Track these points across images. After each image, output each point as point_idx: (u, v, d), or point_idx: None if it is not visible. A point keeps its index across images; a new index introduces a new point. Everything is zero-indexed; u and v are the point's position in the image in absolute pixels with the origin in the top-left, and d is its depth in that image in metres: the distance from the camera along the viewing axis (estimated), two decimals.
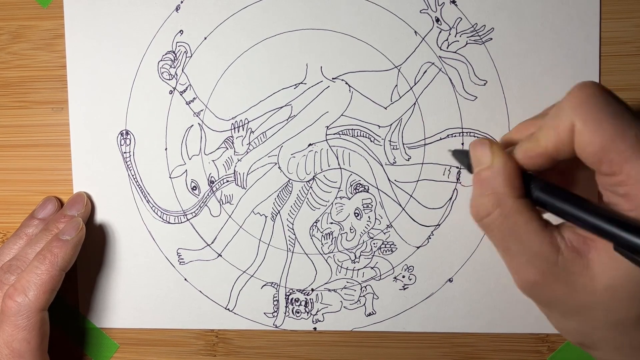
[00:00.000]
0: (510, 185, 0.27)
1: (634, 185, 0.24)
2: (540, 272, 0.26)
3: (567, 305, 0.26)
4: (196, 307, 0.39)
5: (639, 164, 0.24)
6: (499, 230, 0.27)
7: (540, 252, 0.26)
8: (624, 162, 0.24)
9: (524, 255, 0.26)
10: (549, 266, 0.26)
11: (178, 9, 0.38)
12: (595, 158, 0.25)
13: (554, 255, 0.26)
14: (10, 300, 0.34)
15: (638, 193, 0.24)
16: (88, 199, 0.39)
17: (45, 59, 0.39)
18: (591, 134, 0.24)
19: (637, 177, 0.24)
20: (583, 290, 0.25)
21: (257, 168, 0.38)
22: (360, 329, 0.39)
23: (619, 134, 0.24)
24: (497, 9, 0.36)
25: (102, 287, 0.40)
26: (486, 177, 0.28)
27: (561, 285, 0.26)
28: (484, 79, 0.37)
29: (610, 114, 0.24)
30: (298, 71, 0.37)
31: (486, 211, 0.28)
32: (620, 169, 0.24)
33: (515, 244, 0.27)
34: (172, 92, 0.38)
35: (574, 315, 0.26)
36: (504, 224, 0.27)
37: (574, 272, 0.25)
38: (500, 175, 0.27)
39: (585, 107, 0.25)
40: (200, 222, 0.39)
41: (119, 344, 0.40)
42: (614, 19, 0.36)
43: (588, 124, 0.24)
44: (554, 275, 0.26)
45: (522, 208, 0.27)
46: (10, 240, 0.38)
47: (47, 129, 0.40)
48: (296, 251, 0.39)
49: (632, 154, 0.24)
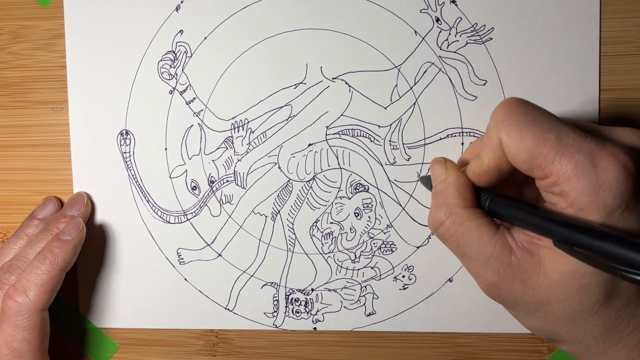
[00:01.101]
0: (461, 197, 0.30)
1: (565, 182, 0.26)
2: (497, 273, 0.28)
3: (527, 303, 0.27)
4: (196, 307, 0.39)
5: (564, 162, 0.26)
6: (453, 238, 0.30)
7: (494, 255, 0.28)
8: (550, 163, 0.26)
9: (479, 259, 0.28)
10: (504, 267, 0.28)
11: (178, 9, 0.38)
12: (527, 165, 0.27)
13: (507, 256, 0.28)
14: (10, 300, 0.34)
15: (570, 189, 0.26)
16: (88, 199, 0.39)
17: (45, 59, 0.39)
18: (516, 144, 0.27)
19: (565, 174, 0.25)
20: (538, 287, 0.27)
21: (257, 168, 0.38)
22: (360, 329, 0.39)
23: (540, 140, 0.26)
24: (497, 8, 0.36)
25: (102, 287, 0.40)
26: (440, 190, 0.31)
27: (518, 284, 0.27)
28: (484, 79, 0.37)
29: (529, 124, 0.27)
30: (298, 71, 0.37)
31: (439, 221, 0.30)
32: (550, 170, 0.26)
33: (470, 249, 0.29)
34: (172, 92, 0.38)
35: (535, 312, 0.28)
36: (457, 231, 0.29)
37: (528, 270, 0.27)
38: (451, 187, 0.30)
39: (506, 121, 0.27)
40: (200, 222, 0.39)
41: (119, 344, 0.40)
42: (614, 18, 0.36)
43: (512, 136, 0.27)
44: (509, 274, 0.27)
45: (472, 216, 0.29)
46: (11, 240, 0.38)
47: (47, 129, 0.40)
48: (296, 251, 0.39)
49: (556, 155, 0.26)
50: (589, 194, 0.25)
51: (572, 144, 0.26)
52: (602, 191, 0.25)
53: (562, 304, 0.27)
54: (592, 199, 0.25)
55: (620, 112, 0.36)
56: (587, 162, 0.25)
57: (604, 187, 0.25)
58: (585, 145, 0.26)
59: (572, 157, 0.25)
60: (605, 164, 0.25)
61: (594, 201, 0.25)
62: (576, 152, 0.25)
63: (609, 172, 0.25)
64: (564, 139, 0.26)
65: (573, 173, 0.25)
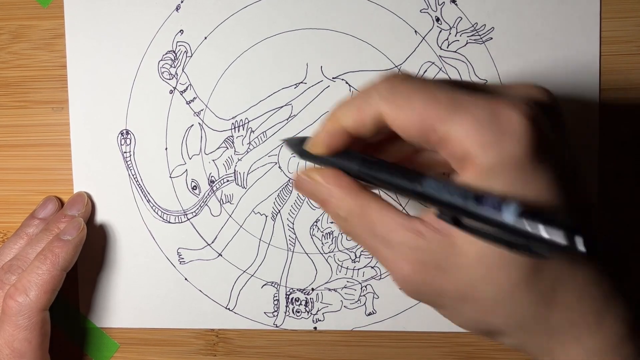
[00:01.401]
0: (344, 187, 0.26)
1: (466, 140, 0.22)
2: (409, 262, 0.24)
3: (451, 293, 0.24)
4: (196, 307, 0.39)
5: (460, 119, 0.22)
6: (357, 237, 0.26)
7: (403, 241, 0.24)
8: (444, 123, 0.23)
9: (389, 249, 0.25)
10: (416, 253, 0.24)
11: (178, 9, 0.38)
12: (420, 132, 0.23)
13: (417, 240, 0.24)
14: (11, 300, 0.34)
15: (473, 146, 0.22)
16: (88, 199, 0.39)
17: (46, 59, 0.39)
18: (406, 114, 0.23)
19: (466, 129, 0.22)
20: (457, 269, 0.23)
21: (257, 167, 0.38)
22: (360, 329, 0.39)
23: (431, 101, 0.23)
24: (497, 8, 0.36)
25: (103, 287, 0.40)
26: (323, 198, 0.27)
27: (434, 270, 0.24)
28: (484, 79, 0.37)
29: (414, 87, 0.23)
30: (298, 71, 0.37)
31: (341, 225, 0.27)
32: (447, 131, 0.23)
33: (375, 240, 0.25)
34: (172, 92, 0.38)
35: (463, 302, 0.24)
36: (358, 227, 0.26)
37: (442, 252, 0.23)
38: (326, 186, 0.26)
39: (387, 87, 0.24)
40: (201, 221, 0.39)
41: (119, 344, 0.40)
42: (615, 18, 0.36)
43: (401, 106, 0.23)
44: (423, 262, 0.24)
45: (370, 203, 0.25)
46: (11, 240, 0.38)
47: (47, 129, 0.40)
48: (296, 251, 0.39)
49: (451, 113, 0.23)
50: (494, 147, 0.22)
51: (468, 99, 0.23)
52: (508, 142, 0.22)
53: (488, 283, 0.23)
54: (499, 152, 0.22)
55: (620, 112, 0.36)
56: (487, 113, 0.22)
57: (510, 136, 0.22)
58: (482, 98, 0.23)
59: (467, 111, 0.22)
60: (508, 114, 0.22)
61: (500, 154, 0.22)
62: (472, 105, 0.22)
63: (513, 120, 0.22)
64: (458, 96, 0.23)
65: (473, 127, 0.22)
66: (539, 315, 0.23)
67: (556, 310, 0.23)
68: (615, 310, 0.23)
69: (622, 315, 0.23)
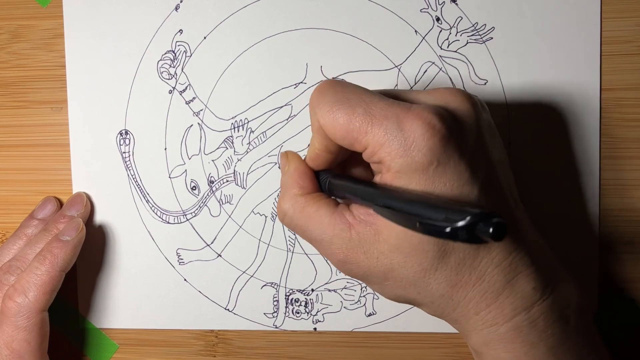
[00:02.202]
0: (298, 185, 0.31)
1: (380, 149, 0.27)
2: (341, 250, 0.29)
3: (375, 273, 0.28)
4: (196, 308, 0.39)
5: (375, 131, 0.27)
6: (297, 226, 0.31)
7: (335, 233, 0.29)
8: (364, 135, 0.27)
9: (324, 241, 0.29)
10: (346, 242, 0.28)
11: (177, 9, 0.38)
12: (346, 141, 0.28)
13: (347, 232, 0.28)
14: (10, 300, 0.34)
15: (384, 155, 0.27)
16: (87, 199, 0.39)
17: (45, 59, 0.39)
18: (331, 124, 0.28)
19: (378, 142, 0.27)
20: (381, 255, 0.28)
21: (257, 168, 0.38)
22: (360, 329, 0.38)
23: (350, 115, 0.27)
24: (497, 8, 0.36)
25: (102, 288, 0.40)
26: (283, 181, 0.32)
27: (361, 257, 0.28)
28: (484, 79, 0.36)
29: (339, 101, 0.28)
30: (298, 70, 0.37)
31: (283, 212, 0.31)
32: (366, 141, 0.27)
33: (314, 233, 0.30)
34: (171, 92, 0.38)
35: (385, 281, 0.29)
36: (299, 219, 0.30)
37: (368, 240, 0.28)
38: (291, 177, 0.31)
39: (320, 104, 0.29)
40: (200, 222, 0.39)
41: (118, 345, 0.40)
42: (615, 18, 0.36)
43: (326, 117, 0.28)
44: (352, 249, 0.28)
45: (310, 201, 0.30)
46: (10, 241, 0.38)
47: (46, 129, 0.40)
48: (296, 251, 0.38)
49: (367, 126, 0.27)
50: (401, 155, 0.26)
51: (380, 112, 0.27)
52: (411, 151, 0.26)
53: (404, 267, 0.27)
54: (405, 160, 0.26)
55: (621, 111, 0.36)
56: (394, 127, 0.26)
57: (413, 146, 0.26)
58: (392, 111, 0.27)
59: (380, 124, 0.27)
60: (411, 125, 0.26)
61: (406, 162, 0.26)
62: (384, 119, 0.27)
63: (415, 132, 0.26)
64: (372, 109, 0.27)
65: (384, 139, 0.27)
66: (445, 294, 0.28)
67: (459, 290, 0.27)
68: (513, 288, 0.27)
69: (521, 292, 0.27)
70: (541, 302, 0.27)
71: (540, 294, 0.27)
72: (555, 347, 0.28)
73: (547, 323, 0.27)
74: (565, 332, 0.28)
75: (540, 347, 0.27)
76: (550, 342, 0.27)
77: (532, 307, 0.27)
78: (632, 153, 0.36)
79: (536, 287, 0.27)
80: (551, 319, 0.27)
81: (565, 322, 0.28)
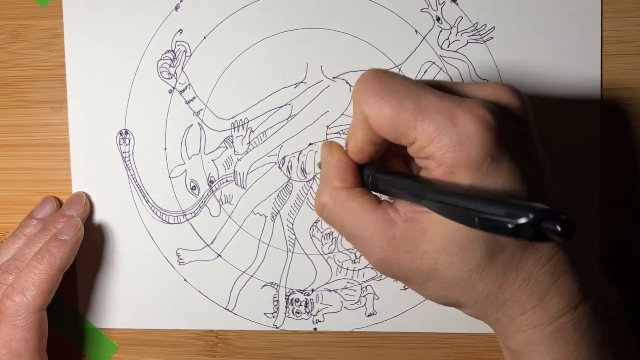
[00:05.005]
0: (341, 178, 0.30)
1: (430, 144, 0.26)
2: (382, 248, 0.27)
3: (418, 273, 0.27)
4: (196, 308, 0.39)
5: (425, 125, 0.26)
6: (336, 220, 0.29)
7: (377, 230, 0.28)
8: (413, 129, 0.26)
9: (364, 237, 0.28)
10: (388, 240, 0.27)
11: (177, 8, 0.38)
12: (392, 135, 0.27)
13: (391, 230, 0.27)
14: (8, 300, 0.34)
15: (435, 150, 0.26)
16: (87, 199, 0.39)
17: (44, 58, 0.39)
18: (377, 116, 0.27)
19: (428, 136, 0.26)
20: (425, 255, 0.27)
21: (257, 168, 0.38)
22: (360, 330, 0.38)
23: (399, 108, 0.26)
24: (498, 7, 0.36)
25: (101, 288, 0.40)
26: (324, 173, 0.31)
27: (404, 256, 0.27)
28: (484, 79, 0.36)
29: (386, 93, 0.27)
30: (298, 70, 0.37)
31: (322, 204, 0.30)
32: (414, 136, 0.26)
33: (353, 229, 0.28)
34: (171, 92, 0.38)
35: (427, 281, 0.28)
36: (339, 212, 0.29)
37: (413, 240, 0.27)
38: (333, 169, 0.30)
39: (365, 95, 0.27)
40: (200, 222, 0.39)
41: (118, 345, 0.40)
42: (616, 18, 0.36)
43: (372, 109, 0.27)
44: (395, 247, 0.27)
45: (353, 196, 0.29)
46: (9, 240, 0.38)
47: (46, 129, 0.39)
48: (296, 251, 0.38)
49: (416, 120, 0.26)
50: (453, 151, 0.25)
51: (430, 106, 0.26)
52: (465, 147, 0.25)
53: (449, 267, 0.26)
54: (457, 156, 0.25)
55: (621, 111, 0.36)
56: (447, 121, 0.25)
57: (466, 142, 0.25)
58: (443, 105, 0.26)
59: (431, 118, 0.26)
60: (464, 120, 0.25)
61: (459, 158, 0.25)
62: (435, 113, 0.26)
63: (468, 127, 0.25)
64: (422, 102, 0.26)
65: (435, 134, 0.25)
66: (491, 294, 0.27)
67: (505, 291, 0.27)
68: (559, 288, 0.26)
69: (566, 292, 0.27)
70: (585, 302, 0.27)
71: (585, 293, 0.27)
72: (597, 347, 0.27)
73: (591, 323, 0.27)
74: (607, 333, 0.27)
75: (584, 348, 0.27)
76: (593, 342, 0.27)
77: (577, 307, 0.27)
78: (633, 153, 0.36)
79: (580, 287, 0.27)
80: (594, 319, 0.27)
81: (607, 322, 0.27)
